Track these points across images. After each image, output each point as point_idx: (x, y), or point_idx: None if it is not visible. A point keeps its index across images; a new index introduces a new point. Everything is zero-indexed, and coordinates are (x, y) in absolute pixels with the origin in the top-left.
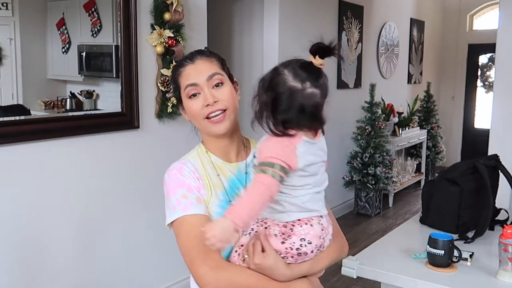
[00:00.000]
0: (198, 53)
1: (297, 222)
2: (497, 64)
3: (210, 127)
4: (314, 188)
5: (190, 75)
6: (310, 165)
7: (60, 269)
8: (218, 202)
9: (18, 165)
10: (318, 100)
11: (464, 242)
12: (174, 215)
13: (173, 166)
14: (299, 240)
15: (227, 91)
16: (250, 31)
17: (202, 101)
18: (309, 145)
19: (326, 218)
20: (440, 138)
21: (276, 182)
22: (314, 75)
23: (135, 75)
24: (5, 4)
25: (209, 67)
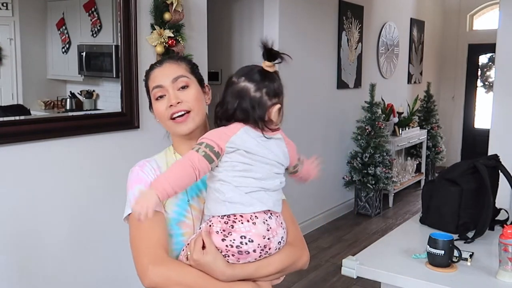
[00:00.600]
0: (168, 58)
1: (239, 218)
2: (497, 64)
3: (174, 127)
4: (260, 182)
5: (157, 78)
6: (250, 154)
7: (59, 268)
8: (176, 201)
9: (18, 165)
10: (252, 95)
11: (464, 242)
12: (128, 210)
13: (138, 163)
14: (240, 237)
15: (192, 94)
16: (250, 31)
17: (167, 102)
18: (252, 134)
19: (276, 220)
20: (440, 138)
21: (199, 156)
22: (259, 76)
23: (135, 75)
24: (5, 4)
25: (175, 70)
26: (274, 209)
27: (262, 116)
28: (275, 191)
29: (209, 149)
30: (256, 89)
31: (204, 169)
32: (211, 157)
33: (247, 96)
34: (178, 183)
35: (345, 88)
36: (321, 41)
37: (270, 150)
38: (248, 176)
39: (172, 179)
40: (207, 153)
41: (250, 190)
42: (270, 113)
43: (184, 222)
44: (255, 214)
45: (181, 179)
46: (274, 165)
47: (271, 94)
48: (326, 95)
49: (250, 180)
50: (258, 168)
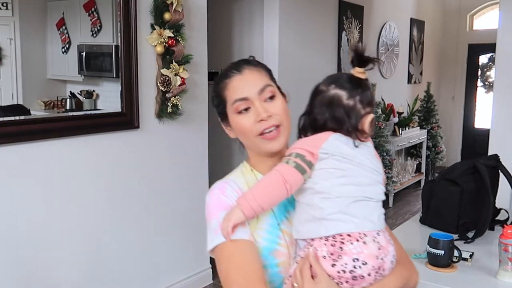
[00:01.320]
0: (244, 62)
1: (347, 238)
2: (497, 64)
3: (263, 145)
4: (363, 190)
5: (239, 88)
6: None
7: (58, 268)
8: (265, 226)
9: (18, 165)
10: (345, 102)
11: (464, 242)
12: (215, 240)
13: (215, 185)
14: (352, 260)
15: (280, 105)
16: (250, 31)
17: (254, 116)
18: (344, 140)
19: (384, 235)
20: (440, 138)
21: (290, 167)
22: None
23: (135, 75)
24: (5, 4)
25: (259, 78)
26: (380, 225)
27: (356, 125)
28: (378, 202)
29: (300, 159)
30: (349, 96)
31: (296, 182)
32: (303, 168)
33: (340, 104)
34: (265, 200)
35: None
36: (321, 41)
37: (365, 156)
38: (349, 183)
39: (259, 194)
40: (298, 164)
41: (353, 200)
42: (363, 123)
43: (278, 251)
44: (364, 232)
45: (270, 194)
46: (373, 172)
47: (365, 103)
48: None
49: (351, 188)
50: (358, 174)
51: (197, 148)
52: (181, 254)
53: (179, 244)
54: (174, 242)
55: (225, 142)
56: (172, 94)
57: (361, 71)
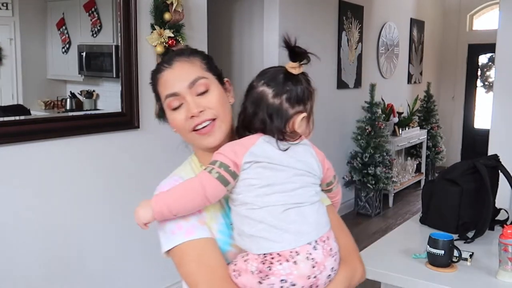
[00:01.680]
0: (177, 54)
1: (277, 258)
2: (497, 64)
3: (199, 140)
4: (291, 197)
5: (169, 83)
6: (274, 164)
7: (58, 266)
8: (217, 226)
9: (18, 165)
10: (270, 101)
11: (464, 242)
12: (173, 241)
13: (163, 183)
14: (279, 281)
15: (215, 97)
16: (250, 31)
17: (185, 112)
18: (273, 143)
19: (323, 248)
20: (440, 138)
21: (212, 179)
22: (280, 79)
23: (135, 75)
24: (5, 4)
25: (189, 70)
26: (319, 230)
27: (280, 127)
28: (313, 204)
29: (224, 169)
30: (275, 94)
31: (217, 193)
32: (226, 180)
33: (264, 103)
34: (180, 208)
35: (345, 88)
36: (321, 41)
37: (297, 158)
38: (274, 191)
39: (175, 202)
40: (221, 175)
41: (282, 209)
42: (293, 123)
43: (231, 252)
44: (296, 250)
45: (185, 205)
46: (304, 175)
47: (293, 101)
48: (326, 95)
49: (277, 196)
50: (284, 179)
51: None
52: None
53: None
54: None
55: None
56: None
57: (294, 66)
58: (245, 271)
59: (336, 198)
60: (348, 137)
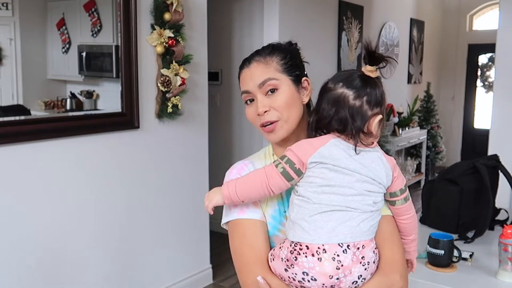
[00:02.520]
0: (257, 53)
1: (304, 250)
2: (497, 64)
3: (264, 135)
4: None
5: (244, 81)
6: (338, 167)
7: (57, 268)
8: (271, 212)
9: (18, 165)
10: (351, 103)
11: (464, 242)
12: (229, 216)
13: (235, 165)
14: (301, 273)
15: (281, 99)
16: (250, 31)
17: (255, 108)
18: (343, 147)
19: (354, 254)
20: (440, 138)
21: (277, 173)
22: (359, 82)
23: (135, 75)
24: (5, 4)
25: (262, 71)
26: (356, 238)
27: (361, 127)
28: (365, 213)
29: (289, 165)
30: (356, 96)
31: (280, 187)
32: (290, 175)
33: (346, 104)
34: (246, 195)
35: None
36: (321, 41)
37: (363, 164)
38: (331, 192)
39: (242, 189)
40: (285, 170)
41: (330, 208)
42: (370, 125)
43: (278, 237)
44: (324, 247)
45: (250, 192)
46: (367, 182)
47: (373, 103)
48: None
49: (332, 196)
50: (345, 183)
51: (197, 148)
52: (181, 254)
53: (180, 244)
54: (175, 242)
55: (225, 142)
56: (172, 94)
57: (371, 69)
58: (277, 256)
59: (401, 218)
60: None
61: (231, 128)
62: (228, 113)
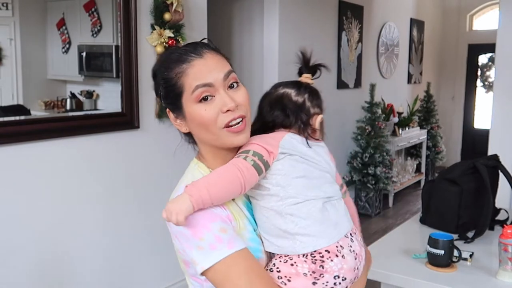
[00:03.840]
0: (202, 46)
1: (326, 255)
2: (497, 64)
3: (228, 138)
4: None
5: (201, 73)
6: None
7: (57, 267)
8: (248, 234)
9: (18, 165)
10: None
11: (464, 242)
12: (215, 256)
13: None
14: (333, 278)
15: (245, 94)
16: (250, 31)
17: (218, 105)
18: (299, 140)
19: (356, 238)
20: (440, 138)
21: (249, 165)
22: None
23: (135, 75)
24: (5, 4)
25: (222, 63)
26: (350, 222)
27: (307, 120)
28: (340, 200)
29: (258, 158)
30: (297, 93)
31: (252, 181)
32: (260, 167)
33: (289, 100)
34: (219, 195)
35: (345, 88)
36: (321, 41)
37: (320, 156)
38: (311, 185)
39: (214, 188)
40: (256, 162)
41: (321, 202)
42: (314, 122)
43: (262, 259)
44: (340, 244)
45: (224, 190)
46: (327, 171)
47: (314, 103)
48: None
49: (315, 191)
50: (315, 174)
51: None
52: None
53: None
54: None
55: None
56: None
57: (308, 77)
58: (296, 275)
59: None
60: (348, 137)
61: None
62: None
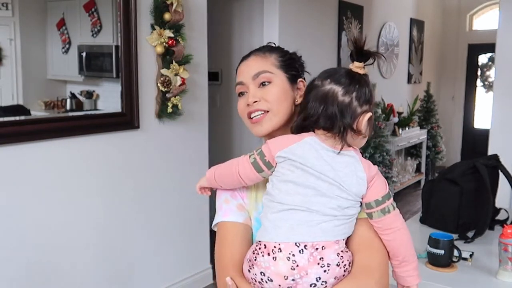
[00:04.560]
0: (257, 49)
1: (262, 249)
2: (497, 64)
3: (250, 127)
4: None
5: (240, 73)
6: (305, 166)
7: (58, 268)
8: (256, 214)
9: (18, 165)
10: (340, 99)
11: (464, 242)
12: (216, 219)
13: None
14: (260, 273)
15: (273, 91)
16: (250, 31)
17: (245, 100)
18: (318, 146)
19: (311, 255)
20: (440, 138)
21: (248, 163)
22: (347, 78)
23: (135, 75)
24: (5, 4)
25: (259, 64)
26: (315, 238)
27: (350, 124)
28: (327, 216)
29: (260, 157)
30: (345, 92)
31: (250, 177)
32: (260, 167)
33: (334, 100)
34: (221, 180)
35: None
36: (321, 41)
37: (332, 167)
38: (295, 192)
39: (219, 174)
40: (256, 161)
41: (290, 207)
42: (360, 122)
43: None
44: (280, 246)
45: (224, 178)
46: (334, 185)
47: (362, 100)
48: None
49: (296, 197)
50: (311, 184)
51: (197, 148)
52: (181, 254)
53: (179, 244)
54: (174, 242)
55: (225, 142)
56: (172, 94)
57: (360, 66)
58: (246, 259)
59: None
60: None
61: (231, 128)
62: (228, 113)
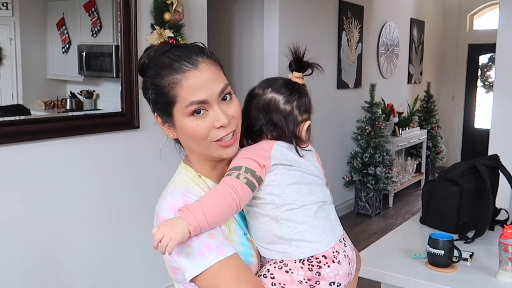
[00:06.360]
0: (197, 52)
1: (323, 261)
2: (497, 64)
3: (217, 151)
4: (317, 196)
5: (196, 88)
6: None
7: (57, 267)
8: (237, 239)
9: (18, 165)
10: (282, 107)
11: (464, 242)
12: (204, 263)
13: (172, 199)
14: (328, 285)
15: (237, 106)
16: (250, 31)
17: (211, 120)
18: (288, 148)
19: (347, 242)
20: (440, 138)
21: (242, 184)
22: (287, 88)
23: (135, 75)
24: (5, 4)
25: (217, 75)
26: (342, 229)
27: (294, 130)
28: (331, 204)
29: (251, 174)
30: (286, 101)
31: (247, 199)
32: (254, 185)
33: (277, 108)
34: (216, 218)
35: (345, 88)
36: (321, 41)
37: (311, 162)
38: (305, 191)
39: (211, 212)
40: (249, 180)
41: (316, 207)
42: (300, 130)
43: (253, 263)
44: (335, 249)
45: (222, 214)
46: (318, 176)
47: (302, 109)
48: (326, 95)
49: (309, 196)
50: (307, 180)
51: None
52: None
53: None
54: None
55: None
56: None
57: (299, 76)
58: (291, 282)
59: None
60: (348, 137)
61: None
62: None
